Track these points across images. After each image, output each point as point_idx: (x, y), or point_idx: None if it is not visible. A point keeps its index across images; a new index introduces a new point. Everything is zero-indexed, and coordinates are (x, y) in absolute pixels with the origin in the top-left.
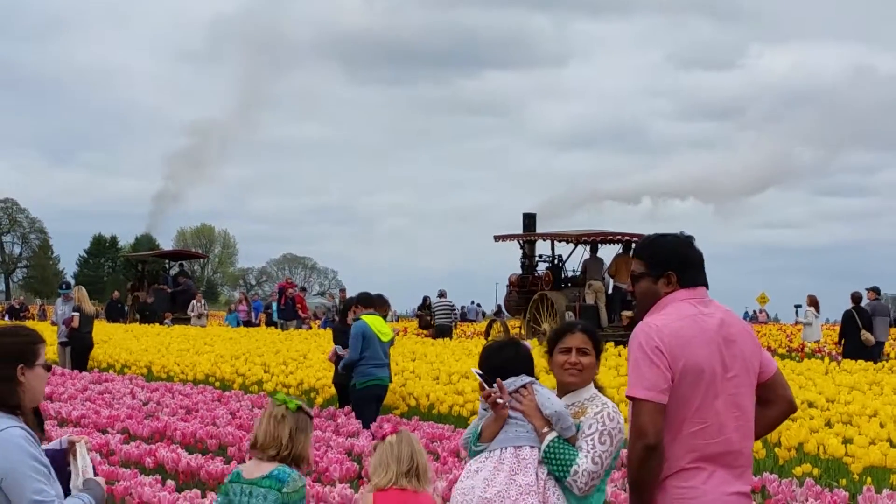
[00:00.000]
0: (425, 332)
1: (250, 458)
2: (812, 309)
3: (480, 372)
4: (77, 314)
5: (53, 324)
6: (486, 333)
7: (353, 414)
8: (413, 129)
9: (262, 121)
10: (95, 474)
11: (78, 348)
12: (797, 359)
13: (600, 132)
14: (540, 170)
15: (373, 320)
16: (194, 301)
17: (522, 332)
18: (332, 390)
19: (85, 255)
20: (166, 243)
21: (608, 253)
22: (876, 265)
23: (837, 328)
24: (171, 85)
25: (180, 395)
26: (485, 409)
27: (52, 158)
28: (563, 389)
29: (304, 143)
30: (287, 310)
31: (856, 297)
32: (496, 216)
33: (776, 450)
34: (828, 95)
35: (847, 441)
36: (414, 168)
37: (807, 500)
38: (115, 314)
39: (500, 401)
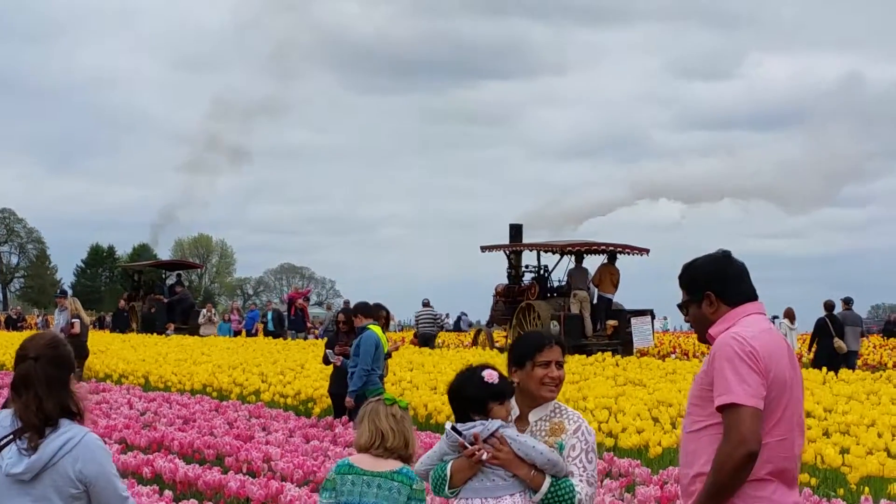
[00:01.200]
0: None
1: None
2: (787, 321)
3: (456, 429)
4: (77, 321)
5: None
6: (474, 342)
7: (350, 424)
8: (412, 138)
9: (260, 129)
10: None
11: (78, 356)
12: None
13: (599, 141)
14: (539, 179)
15: (378, 330)
16: (204, 310)
17: (508, 341)
18: (329, 400)
19: (82, 265)
20: (164, 253)
21: (594, 263)
22: (874, 276)
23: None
24: (170, 92)
25: (178, 404)
26: (451, 449)
27: (50, 167)
28: (534, 403)
29: (301, 152)
30: (297, 320)
31: (828, 306)
32: (495, 226)
33: None
34: (827, 104)
35: (845, 451)
36: (412, 177)
37: None
38: (122, 324)
39: (484, 457)
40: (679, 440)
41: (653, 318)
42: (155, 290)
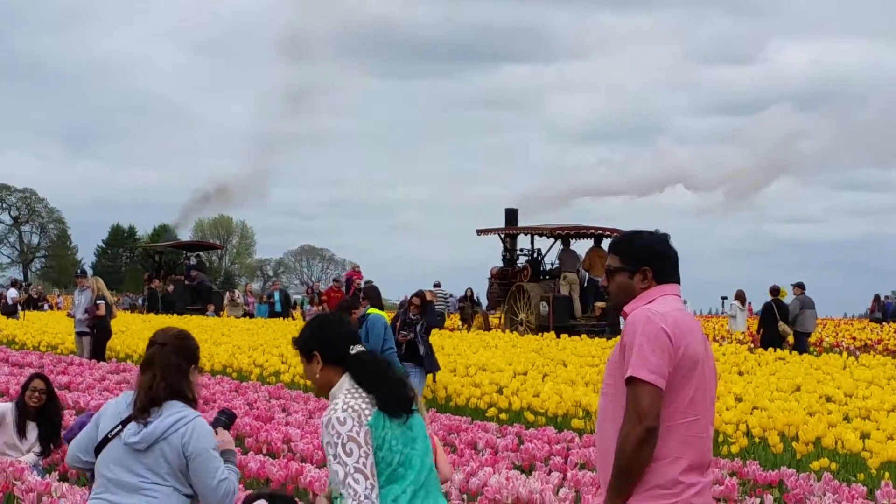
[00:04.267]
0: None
1: None
2: (737, 302)
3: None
4: (102, 302)
5: (70, 315)
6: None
7: None
8: (431, 122)
9: (280, 113)
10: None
11: (102, 337)
12: (815, 353)
13: (619, 126)
14: (558, 163)
15: (383, 314)
16: (228, 293)
17: (502, 322)
18: None
19: (103, 245)
20: (184, 234)
21: (584, 246)
22: (894, 260)
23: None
24: (191, 77)
25: (198, 385)
26: None
27: (71, 149)
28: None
29: (321, 136)
30: (355, 301)
31: (773, 290)
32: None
33: (794, 444)
34: (847, 90)
35: (865, 436)
36: (431, 161)
37: (825, 495)
38: (156, 304)
39: None
40: (598, 421)
41: None
42: (175, 270)
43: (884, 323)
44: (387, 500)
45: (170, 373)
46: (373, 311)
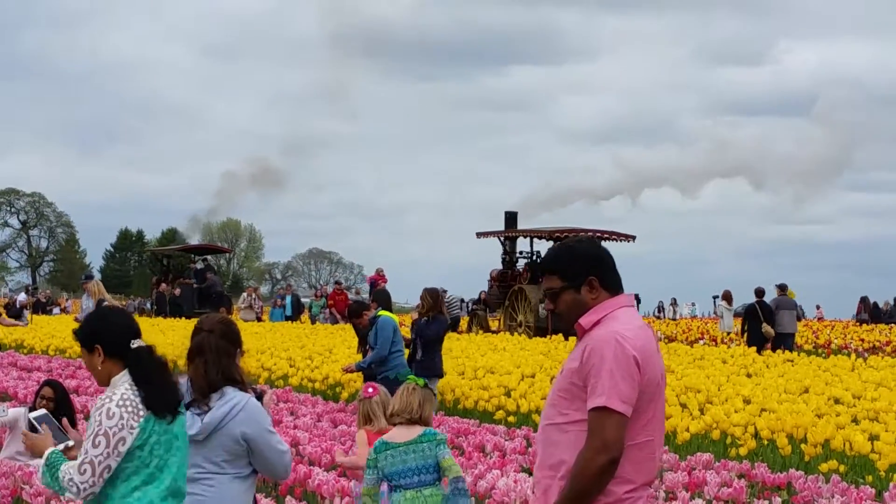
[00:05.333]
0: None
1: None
2: (724, 303)
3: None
4: (105, 304)
5: (77, 320)
6: (469, 326)
7: None
8: (440, 124)
9: (287, 115)
10: None
11: None
12: (823, 355)
13: (628, 127)
14: (566, 165)
15: (393, 316)
16: (245, 293)
17: (501, 324)
18: (358, 384)
19: (111, 249)
20: (192, 237)
21: None
22: None
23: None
24: (198, 79)
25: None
26: None
27: (79, 152)
28: None
29: (329, 138)
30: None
31: (758, 292)
32: (521, 211)
33: (802, 446)
34: (856, 91)
35: (873, 438)
36: (440, 163)
37: (833, 497)
38: (164, 307)
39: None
40: (541, 430)
41: (638, 301)
42: (184, 274)
43: (870, 324)
44: (152, 498)
45: (221, 358)
46: (383, 313)
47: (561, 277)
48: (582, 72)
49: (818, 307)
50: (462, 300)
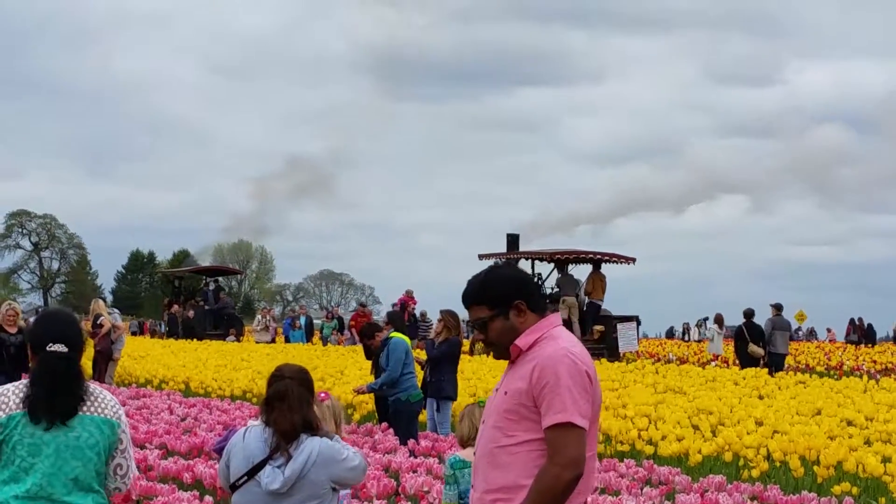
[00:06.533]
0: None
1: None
2: (715, 326)
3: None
4: (102, 318)
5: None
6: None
7: (390, 431)
8: (448, 145)
9: (298, 135)
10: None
11: (105, 358)
12: (836, 377)
13: (636, 148)
14: (574, 186)
15: (406, 338)
16: (259, 315)
17: None
18: (370, 406)
19: (123, 270)
20: (204, 259)
21: (584, 271)
22: None
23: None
24: (210, 98)
25: (218, 410)
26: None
27: (89, 171)
28: None
29: (339, 159)
30: (412, 327)
31: (747, 314)
32: (531, 232)
33: (815, 468)
34: (868, 111)
35: (886, 460)
36: (449, 184)
37: None
38: (176, 329)
39: None
40: (486, 454)
41: (638, 324)
42: (196, 295)
43: (860, 345)
44: (5, 497)
45: (302, 405)
46: (395, 335)
47: (488, 306)
48: (590, 93)
49: (829, 330)
50: (465, 321)
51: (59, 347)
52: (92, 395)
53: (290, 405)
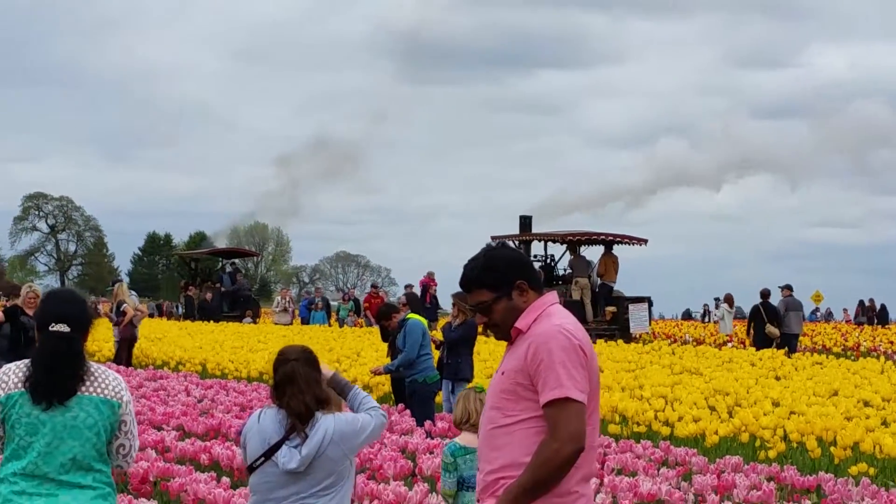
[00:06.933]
0: None
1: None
2: (726, 305)
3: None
4: (126, 305)
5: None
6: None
7: (407, 412)
8: (467, 128)
9: (316, 119)
10: None
11: (121, 343)
12: (853, 358)
13: (655, 131)
14: (594, 168)
15: (422, 319)
16: (279, 297)
17: None
18: (387, 388)
19: (139, 253)
20: (220, 241)
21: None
22: None
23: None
24: (227, 83)
25: (235, 392)
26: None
27: (107, 156)
28: None
29: (357, 143)
30: (432, 309)
31: (763, 293)
32: (550, 215)
33: (832, 449)
34: (887, 94)
35: None
36: (468, 167)
37: (863, 500)
38: (192, 311)
39: None
40: (487, 435)
41: (650, 305)
42: (212, 278)
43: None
44: (6, 473)
45: (311, 385)
46: (412, 316)
47: (490, 289)
48: (609, 75)
49: (845, 310)
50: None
51: (61, 327)
52: (93, 376)
53: (299, 387)
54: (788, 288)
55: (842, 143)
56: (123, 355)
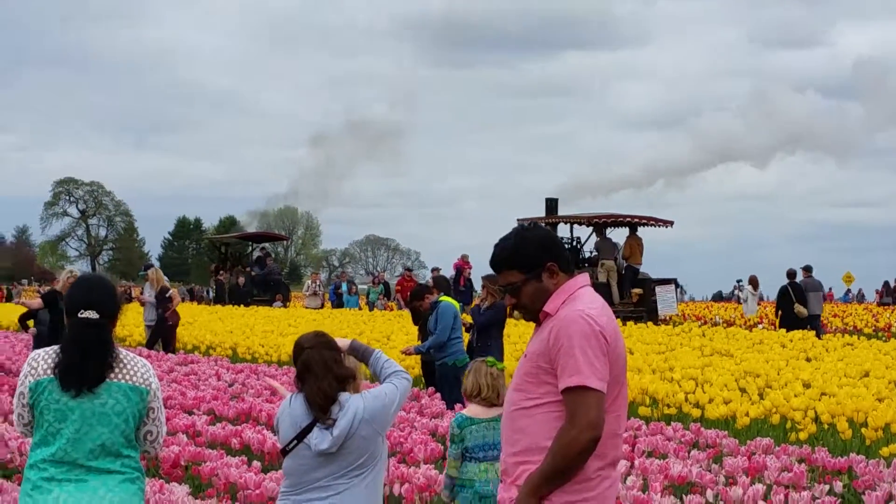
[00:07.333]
0: None
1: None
2: (750, 287)
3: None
4: (173, 291)
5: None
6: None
7: (437, 395)
8: (491, 110)
9: (338, 103)
10: None
11: (158, 329)
12: (884, 338)
13: (681, 112)
14: (617, 150)
15: (454, 302)
16: (309, 281)
17: None
18: (416, 371)
19: (169, 237)
20: (250, 225)
21: (621, 234)
22: None
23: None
24: (252, 67)
25: (265, 376)
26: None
27: (136, 141)
28: None
29: (379, 127)
30: (466, 292)
31: (790, 274)
32: (573, 197)
33: (863, 430)
34: None
35: None
36: (492, 150)
37: (894, 481)
38: (223, 295)
39: None
40: (508, 417)
41: (677, 286)
42: (242, 261)
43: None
44: (35, 459)
45: (329, 370)
46: (444, 298)
47: (520, 270)
48: (635, 57)
49: (877, 291)
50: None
51: (90, 314)
52: (122, 363)
53: (316, 375)
54: (807, 269)
55: (867, 123)
56: (171, 341)
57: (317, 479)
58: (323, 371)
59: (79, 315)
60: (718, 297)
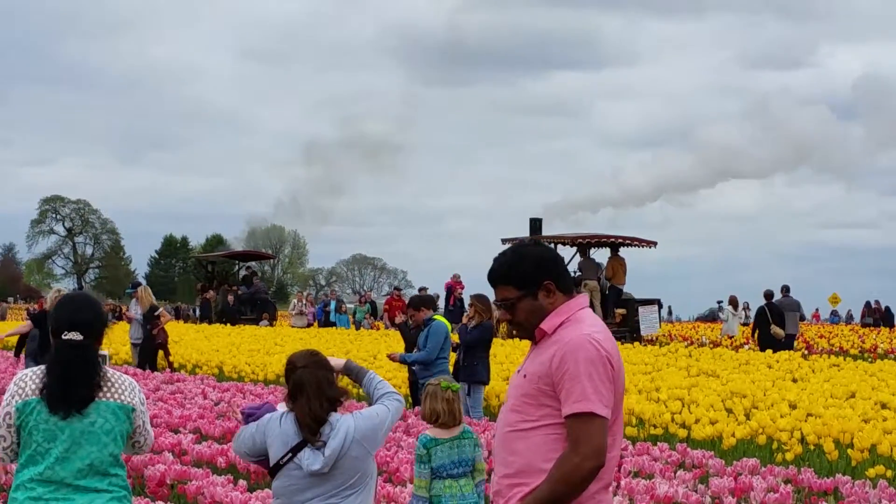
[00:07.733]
0: None
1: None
2: (730, 307)
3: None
4: (161, 309)
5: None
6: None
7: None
8: (482, 130)
9: (329, 121)
10: None
11: (148, 347)
12: (870, 360)
13: (669, 132)
14: (608, 170)
15: (446, 321)
16: (295, 300)
17: None
18: (404, 390)
19: (156, 255)
20: (237, 244)
21: (603, 255)
22: None
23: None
24: (241, 84)
25: (251, 395)
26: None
27: (123, 159)
28: None
29: (370, 145)
30: (456, 311)
31: (767, 295)
32: (562, 216)
33: (849, 451)
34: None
35: None
36: (482, 168)
37: (880, 503)
38: (209, 314)
39: None
40: (503, 438)
41: (660, 307)
42: (229, 280)
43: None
44: (22, 479)
45: (323, 388)
46: (438, 318)
47: (516, 286)
48: (624, 76)
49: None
50: (494, 301)
51: (74, 335)
52: (109, 381)
53: (308, 396)
54: (785, 289)
55: (854, 144)
56: (167, 358)
57: (308, 500)
58: (315, 392)
59: (63, 337)
60: (712, 318)
